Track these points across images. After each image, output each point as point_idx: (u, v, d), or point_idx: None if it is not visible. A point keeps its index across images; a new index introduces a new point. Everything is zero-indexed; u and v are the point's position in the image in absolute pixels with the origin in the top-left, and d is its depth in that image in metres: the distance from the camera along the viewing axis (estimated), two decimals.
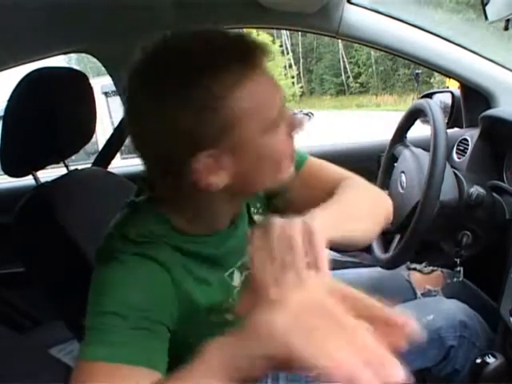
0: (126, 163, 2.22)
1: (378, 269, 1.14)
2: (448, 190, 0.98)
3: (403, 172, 1.06)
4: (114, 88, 1.63)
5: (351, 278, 1.20)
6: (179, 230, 0.63)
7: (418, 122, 1.15)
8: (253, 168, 0.59)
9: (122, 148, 2.05)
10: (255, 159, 0.59)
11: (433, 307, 0.99)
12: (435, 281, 1.17)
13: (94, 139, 1.08)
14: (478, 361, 0.91)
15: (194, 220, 0.64)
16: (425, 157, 1.00)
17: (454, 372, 0.97)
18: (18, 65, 1.42)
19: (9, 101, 0.85)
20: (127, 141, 1.53)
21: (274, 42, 17.86)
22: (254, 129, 0.57)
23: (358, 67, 18.60)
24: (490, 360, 0.90)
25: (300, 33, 16.13)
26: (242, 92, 0.55)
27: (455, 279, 1.01)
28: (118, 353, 0.55)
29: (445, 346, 0.95)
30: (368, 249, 1.19)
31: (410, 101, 10.71)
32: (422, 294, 1.11)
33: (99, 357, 0.54)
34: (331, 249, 1.55)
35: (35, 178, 0.92)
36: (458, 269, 1.02)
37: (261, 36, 16.74)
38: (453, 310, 0.98)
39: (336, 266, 1.32)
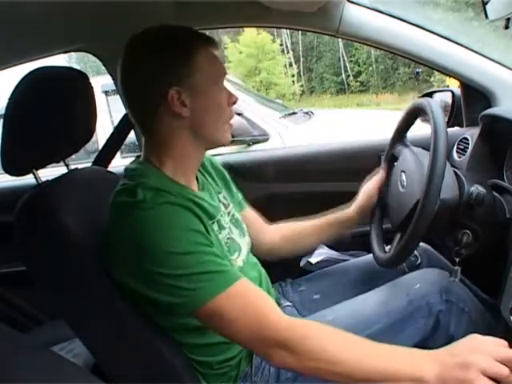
0: (126, 162, 2.23)
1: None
2: (448, 189, 0.98)
3: (403, 171, 1.06)
4: (114, 87, 1.63)
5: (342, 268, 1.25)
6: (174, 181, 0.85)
7: (418, 121, 1.15)
8: (204, 111, 0.85)
9: (123, 147, 2.06)
10: (206, 103, 0.85)
11: (419, 277, 1.04)
12: None
13: (94, 138, 1.08)
14: None
15: (176, 170, 0.86)
16: (425, 156, 1.00)
17: (449, 340, 0.96)
18: (19, 64, 1.42)
19: (9, 100, 0.85)
20: (127, 140, 1.53)
21: (274, 40, 17.81)
22: (207, 78, 0.84)
23: (359, 66, 18.57)
24: None
25: (300, 32, 16.11)
26: (205, 54, 0.84)
27: (452, 278, 1.01)
28: (231, 275, 0.77)
29: (433, 312, 0.97)
30: (367, 248, 1.20)
31: (411, 100, 10.70)
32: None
33: (223, 287, 0.75)
34: (330, 247, 1.57)
35: (36, 177, 0.92)
36: (456, 268, 1.02)
37: (261, 35, 16.79)
38: (436, 277, 1.03)
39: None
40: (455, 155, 1.36)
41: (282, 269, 1.24)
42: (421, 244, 1.16)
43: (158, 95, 0.82)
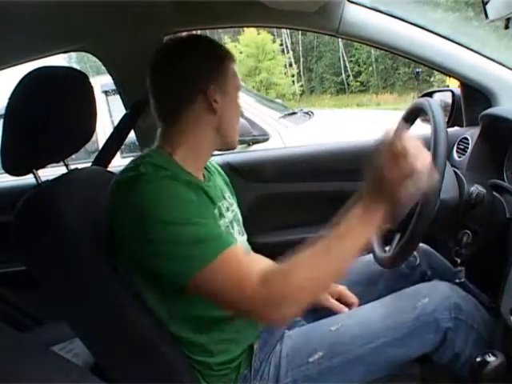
0: (126, 162, 2.22)
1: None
2: (448, 189, 0.98)
3: None
4: (114, 87, 1.63)
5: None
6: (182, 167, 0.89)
7: (418, 121, 1.15)
8: (229, 111, 0.95)
9: (123, 147, 2.05)
10: (231, 104, 0.95)
11: (428, 291, 1.01)
12: None
13: (93, 138, 1.08)
14: (478, 359, 0.91)
15: (186, 159, 0.91)
16: None
17: (454, 357, 0.97)
18: (19, 64, 1.42)
19: (10, 100, 0.85)
20: (127, 140, 1.53)
21: (274, 40, 17.82)
22: (232, 83, 0.95)
23: (359, 66, 18.58)
24: (491, 359, 0.90)
25: (300, 31, 16.11)
26: (231, 63, 0.95)
27: (457, 280, 1.01)
28: (226, 240, 0.81)
29: (441, 329, 0.96)
30: (367, 248, 1.20)
31: (411, 99, 10.70)
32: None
33: (221, 249, 0.78)
34: None
35: (36, 177, 0.92)
36: (459, 269, 1.02)
37: (261, 35, 16.79)
38: (447, 292, 1.00)
39: None
40: (455, 155, 1.36)
41: None
42: (420, 244, 1.16)
43: (198, 90, 0.91)
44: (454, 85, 1.75)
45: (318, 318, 1.04)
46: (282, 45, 19.23)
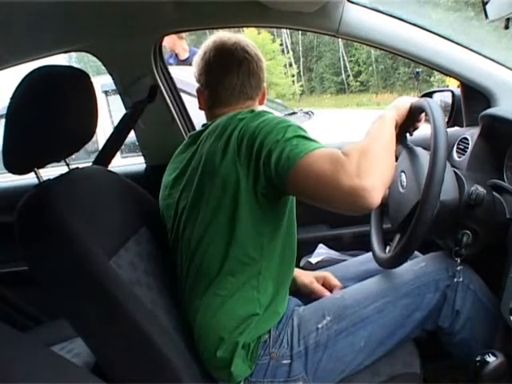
0: (126, 162, 2.22)
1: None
2: (448, 190, 0.98)
3: (403, 171, 1.06)
4: (114, 87, 1.63)
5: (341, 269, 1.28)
6: None
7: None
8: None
9: (123, 147, 2.05)
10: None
11: (424, 258, 1.10)
12: None
13: (93, 138, 1.08)
14: (478, 358, 0.91)
15: None
16: (425, 156, 1.00)
17: (455, 317, 1.02)
18: (19, 64, 1.42)
19: (11, 99, 0.85)
20: (127, 140, 1.53)
21: (274, 40, 17.82)
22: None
23: (358, 66, 18.59)
24: (490, 359, 0.90)
25: (300, 31, 16.11)
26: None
27: (456, 279, 1.01)
28: (317, 143, 0.92)
29: (440, 287, 1.02)
30: (367, 248, 1.20)
31: None
32: None
33: (314, 147, 0.89)
34: (330, 247, 1.55)
35: (37, 176, 0.92)
36: (459, 268, 1.02)
37: (261, 35, 16.78)
38: (441, 257, 1.07)
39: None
40: (455, 155, 1.36)
41: None
42: None
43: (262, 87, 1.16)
44: (453, 85, 1.75)
45: (308, 302, 1.09)
46: (281, 45, 19.23)
